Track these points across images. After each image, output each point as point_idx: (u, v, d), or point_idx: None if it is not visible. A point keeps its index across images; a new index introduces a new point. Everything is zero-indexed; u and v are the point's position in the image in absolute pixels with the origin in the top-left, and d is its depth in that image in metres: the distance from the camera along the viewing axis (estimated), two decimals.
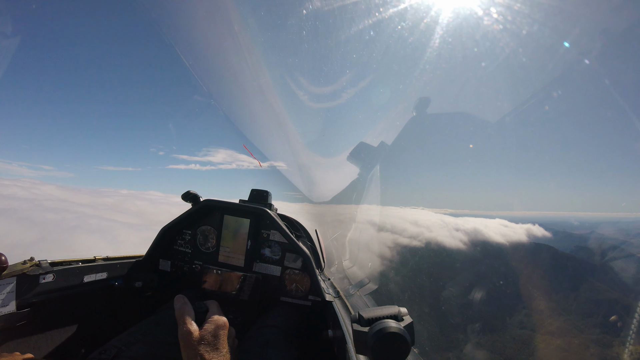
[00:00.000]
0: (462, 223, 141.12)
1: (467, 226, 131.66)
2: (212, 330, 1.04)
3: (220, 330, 1.06)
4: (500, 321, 56.42)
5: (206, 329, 1.04)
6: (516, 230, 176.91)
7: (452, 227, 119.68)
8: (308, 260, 2.22)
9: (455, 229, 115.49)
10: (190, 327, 1.03)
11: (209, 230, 2.40)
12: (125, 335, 1.54)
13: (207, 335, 1.02)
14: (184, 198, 2.33)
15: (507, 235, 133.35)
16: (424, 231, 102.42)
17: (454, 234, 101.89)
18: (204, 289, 2.17)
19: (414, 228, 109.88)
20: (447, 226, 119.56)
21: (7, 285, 1.38)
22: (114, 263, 2.01)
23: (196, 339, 1.00)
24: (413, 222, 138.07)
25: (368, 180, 9.96)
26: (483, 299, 57.37)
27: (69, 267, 1.71)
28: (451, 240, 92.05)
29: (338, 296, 2.25)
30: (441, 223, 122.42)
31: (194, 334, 1.01)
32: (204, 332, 1.03)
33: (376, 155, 11.12)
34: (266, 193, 2.52)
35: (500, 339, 52.45)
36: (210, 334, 1.03)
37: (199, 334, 1.02)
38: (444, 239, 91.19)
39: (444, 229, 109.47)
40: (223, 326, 1.08)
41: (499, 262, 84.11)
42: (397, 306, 1.09)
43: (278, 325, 1.86)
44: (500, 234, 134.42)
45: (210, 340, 1.01)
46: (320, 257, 2.71)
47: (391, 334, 0.97)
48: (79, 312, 1.79)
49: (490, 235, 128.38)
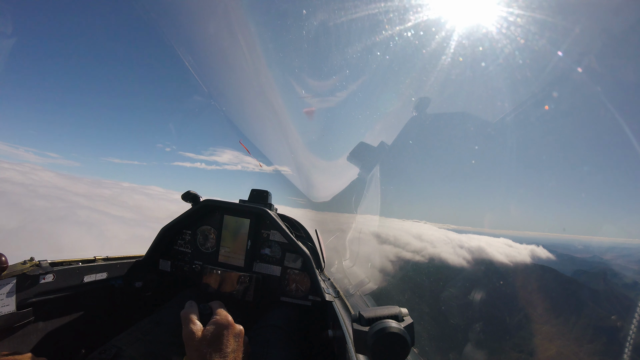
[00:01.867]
0: (466, 240, 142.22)
1: (472, 244, 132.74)
2: (214, 330, 1.03)
3: (224, 330, 1.04)
4: (498, 344, 57.65)
5: (208, 328, 1.04)
6: (520, 250, 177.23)
7: (457, 243, 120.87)
8: (308, 260, 2.25)
9: (460, 246, 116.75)
10: (194, 327, 1.03)
11: (209, 230, 2.42)
12: (125, 334, 1.56)
13: (209, 334, 1.02)
14: (184, 198, 2.36)
15: (511, 255, 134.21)
16: (428, 246, 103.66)
17: (458, 251, 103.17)
18: (204, 289, 2.21)
19: (417, 242, 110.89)
20: (452, 242, 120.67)
21: (7, 285, 1.38)
22: (114, 263, 2.02)
23: (199, 338, 1.01)
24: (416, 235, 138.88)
25: (368, 180, 10.05)
26: (483, 319, 58.57)
27: (69, 267, 1.72)
28: (455, 257, 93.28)
29: (338, 296, 2.27)
30: (445, 239, 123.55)
31: (197, 334, 1.02)
32: (207, 332, 1.03)
33: (376, 155, 11.23)
34: (266, 193, 2.56)
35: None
36: (213, 334, 1.02)
37: (202, 334, 1.02)
38: (448, 255, 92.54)
39: (448, 245, 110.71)
40: (227, 326, 1.06)
41: (502, 282, 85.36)
42: (398, 306, 1.10)
43: (279, 325, 1.91)
44: (505, 254, 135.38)
45: (213, 340, 1.01)
46: (320, 257, 2.73)
47: (391, 334, 0.98)
48: (79, 312, 1.80)
49: (494, 254, 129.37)
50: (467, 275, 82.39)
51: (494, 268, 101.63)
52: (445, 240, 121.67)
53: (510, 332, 61.69)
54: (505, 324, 62.82)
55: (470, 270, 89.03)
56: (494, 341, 56.35)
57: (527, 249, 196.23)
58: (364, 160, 10.60)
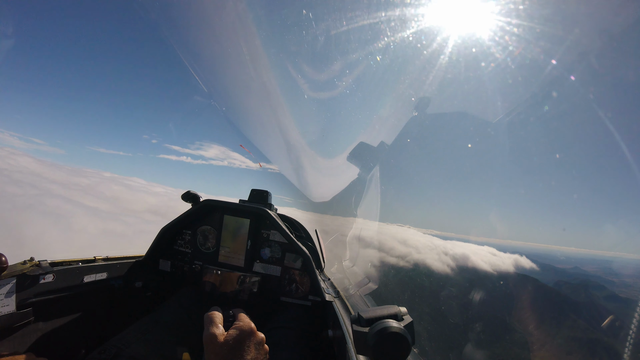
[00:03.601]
0: (450, 247, 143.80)
1: (456, 251, 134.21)
2: (236, 336, 1.04)
3: (246, 336, 1.06)
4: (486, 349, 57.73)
5: (231, 333, 1.05)
6: (504, 260, 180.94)
7: (441, 250, 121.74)
8: (308, 260, 2.28)
9: (444, 252, 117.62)
10: (216, 330, 1.04)
11: (209, 230, 2.47)
12: (124, 334, 1.58)
13: (231, 339, 1.03)
14: (184, 198, 2.40)
15: (495, 264, 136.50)
16: (413, 252, 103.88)
17: (443, 258, 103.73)
18: (204, 289, 2.25)
19: (402, 247, 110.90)
20: (437, 249, 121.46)
21: (7, 285, 1.40)
22: (114, 263, 2.05)
23: (221, 342, 1.01)
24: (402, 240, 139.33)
25: (368, 180, 10.00)
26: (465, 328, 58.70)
27: (68, 267, 1.74)
28: (440, 264, 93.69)
29: (338, 296, 2.29)
30: (430, 245, 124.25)
31: (219, 337, 1.02)
32: (229, 337, 1.04)
33: (376, 155, 11.39)
34: (266, 193, 2.60)
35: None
36: (235, 339, 1.03)
37: (224, 338, 1.03)
38: (433, 262, 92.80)
39: (433, 252, 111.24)
40: (249, 333, 1.08)
41: (485, 291, 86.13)
42: (397, 306, 1.11)
43: (288, 327, 1.93)
44: (489, 262, 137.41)
45: (234, 345, 1.02)
46: (320, 257, 2.76)
47: (391, 333, 0.99)
48: (78, 312, 1.82)
49: (478, 263, 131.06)
50: (452, 283, 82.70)
51: (477, 276, 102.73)
52: (431, 246, 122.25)
53: (490, 342, 61.90)
54: (487, 334, 63.10)
55: (454, 278, 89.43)
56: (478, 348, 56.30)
57: (511, 258, 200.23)
58: (364, 161, 10.59)
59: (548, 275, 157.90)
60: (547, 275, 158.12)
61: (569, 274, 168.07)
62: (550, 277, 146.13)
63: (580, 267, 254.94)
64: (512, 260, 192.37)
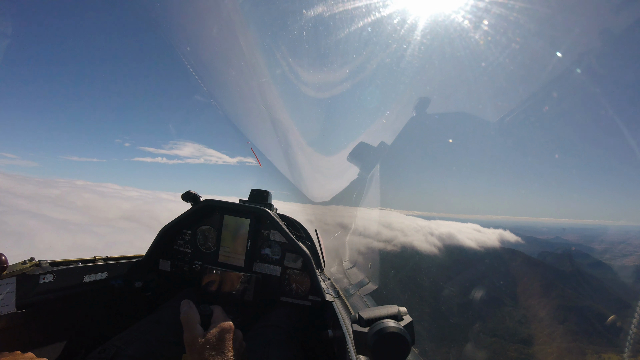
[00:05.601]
0: (435, 227, 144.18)
1: (442, 230, 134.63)
2: (217, 334, 1.07)
3: (226, 334, 1.09)
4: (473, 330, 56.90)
5: (212, 332, 1.08)
6: (489, 235, 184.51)
7: (427, 231, 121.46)
8: (308, 260, 2.28)
9: (430, 233, 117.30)
10: (196, 331, 1.07)
11: (209, 230, 2.46)
12: (124, 334, 1.59)
13: (212, 338, 1.06)
14: (184, 198, 2.38)
15: (481, 240, 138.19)
16: (399, 235, 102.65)
17: (429, 239, 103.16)
18: (204, 289, 2.23)
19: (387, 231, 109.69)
20: (422, 230, 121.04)
21: (7, 285, 1.41)
22: (114, 263, 2.06)
23: (202, 342, 1.04)
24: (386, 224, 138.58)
25: (368, 180, 10.22)
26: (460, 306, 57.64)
27: (69, 267, 1.75)
28: (426, 245, 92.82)
29: (338, 296, 2.30)
30: (415, 226, 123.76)
31: (200, 338, 1.05)
32: (210, 336, 1.06)
33: (376, 155, 11.46)
34: (266, 193, 2.58)
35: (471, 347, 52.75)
36: (216, 338, 1.06)
37: (205, 338, 1.06)
38: (420, 243, 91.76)
39: (419, 233, 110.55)
40: (228, 329, 1.11)
41: (474, 268, 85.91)
42: (397, 306, 1.11)
43: (279, 325, 1.91)
44: (474, 239, 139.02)
45: (215, 344, 1.05)
46: (320, 257, 2.75)
47: (391, 333, 1.00)
48: (79, 312, 1.84)
49: (464, 240, 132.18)
50: (440, 262, 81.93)
51: (465, 253, 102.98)
52: (416, 227, 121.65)
53: (483, 317, 61.27)
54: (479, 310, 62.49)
55: (442, 257, 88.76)
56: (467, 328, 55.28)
57: (496, 233, 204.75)
58: (364, 161, 10.67)
59: (532, 247, 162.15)
60: (531, 247, 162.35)
61: (552, 244, 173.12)
62: (534, 248, 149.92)
63: (561, 236, 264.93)
64: (496, 235, 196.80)
